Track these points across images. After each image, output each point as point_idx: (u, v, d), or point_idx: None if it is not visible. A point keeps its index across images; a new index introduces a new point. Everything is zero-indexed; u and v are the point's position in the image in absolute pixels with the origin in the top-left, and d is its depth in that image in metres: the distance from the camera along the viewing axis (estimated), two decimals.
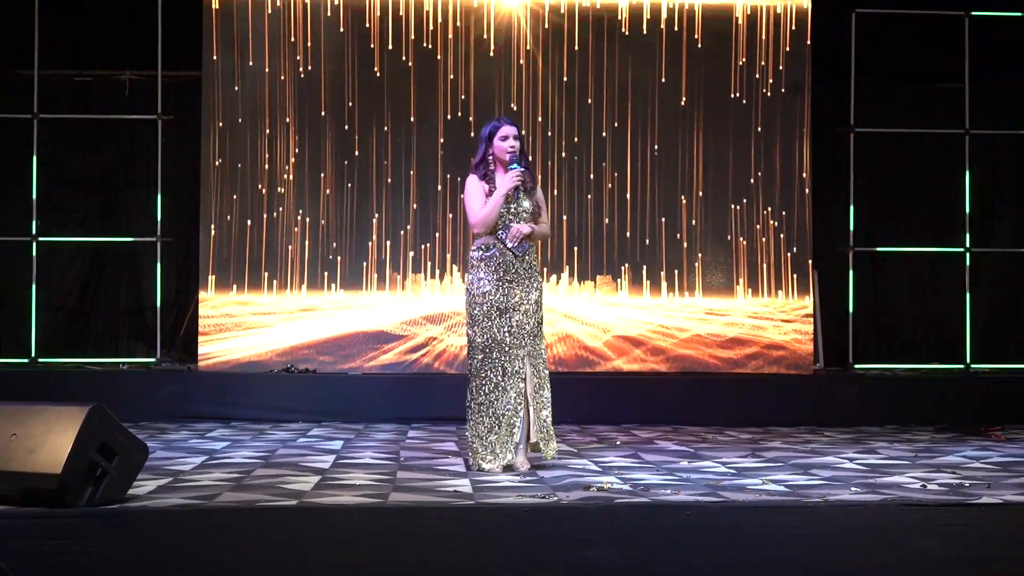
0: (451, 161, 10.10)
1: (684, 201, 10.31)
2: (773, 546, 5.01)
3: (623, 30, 10.30)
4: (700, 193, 10.32)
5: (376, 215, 10.10)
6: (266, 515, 5.08)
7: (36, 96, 10.09)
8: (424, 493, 5.63)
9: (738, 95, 10.36)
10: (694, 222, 10.31)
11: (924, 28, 10.68)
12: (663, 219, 10.28)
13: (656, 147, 10.30)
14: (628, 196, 10.27)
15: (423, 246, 10.10)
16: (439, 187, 10.15)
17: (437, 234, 10.12)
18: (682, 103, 10.33)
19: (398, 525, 4.97)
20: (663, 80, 10.32)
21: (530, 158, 6.74)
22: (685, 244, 10.28)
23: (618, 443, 8.00)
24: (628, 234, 10.25)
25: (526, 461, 6.36)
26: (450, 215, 10.11)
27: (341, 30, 10.12)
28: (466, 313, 6.44)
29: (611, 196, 10.26)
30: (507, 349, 6.30)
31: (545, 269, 9.88)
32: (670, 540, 5.01)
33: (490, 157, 6.42)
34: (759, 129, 10.36)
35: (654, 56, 10.32)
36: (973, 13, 10.58)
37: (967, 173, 10.68)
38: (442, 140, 10.16)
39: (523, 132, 6.76)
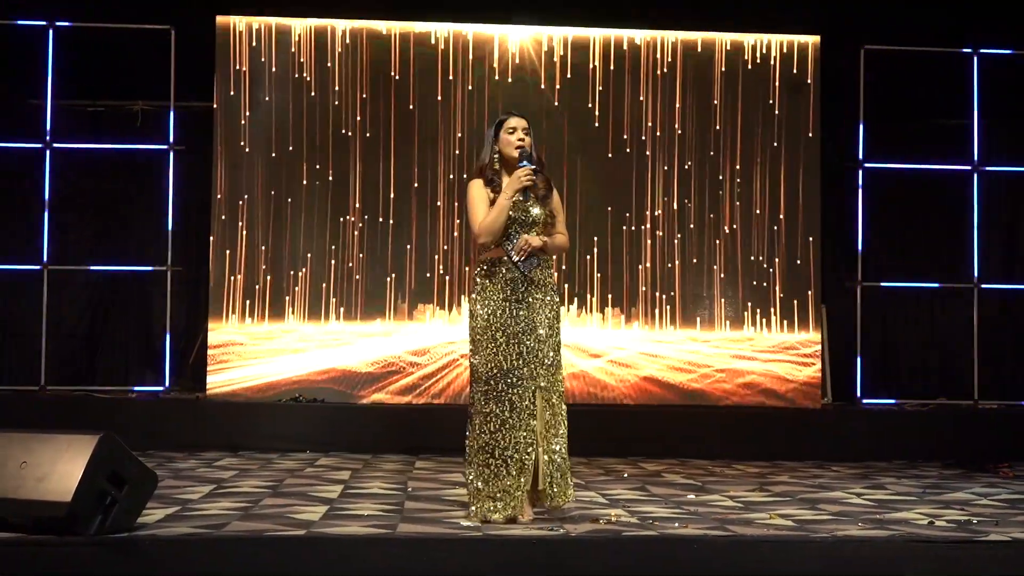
0: (461, 192, 10.13)
1: (693, 236, 10.34)
2: None
3: (634, 65, 10.35)
4: (709, 228, 10.34)
5: (385, 245, 10.13)
6: (274, 545, 5.08)
7: (49, 125, 10.16)
8: (432, 524, 5.63)
9: (748, 130, 10.39)
10: (703, 256, 10.33)
11: (933, 65, 10.73)
12: (672, 253, 10.30)
13: (664, 182, 10.33)
14: (636, 229, 10.30)
15: (431, 276, 10.13)
16: (450, 219, 10.18)
17: (445, 264, 10.14)
18: (691, 137, 10.37)
19: (406, 556, 4.97)
20: (672, 114, 10.36)
21: (542, 158, 5.85)
22: (694, 277, 10.30)
23: (625, 476, 7.99)
24: (637, 267, 10.27)
25: (530, 510, 5.66)
26: (461, 243, 10.14)
27: (353, 59, 10.18)
28: (469, 339, 5.67)
29: (620, 229, 10.29)
30: (515, 380, 5.53)
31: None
32: (677, 574, 5.01)
33: (496, 155, 5.69)
34: (768, 164, 10.40)
35: (664, 92, 10.37)
36: (982, 51, 10.63)
37: (975, 209, 10.70)
38: (452, 171, 10.21)
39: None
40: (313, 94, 10.15)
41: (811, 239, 10.39)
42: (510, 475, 5.52)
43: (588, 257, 10.24)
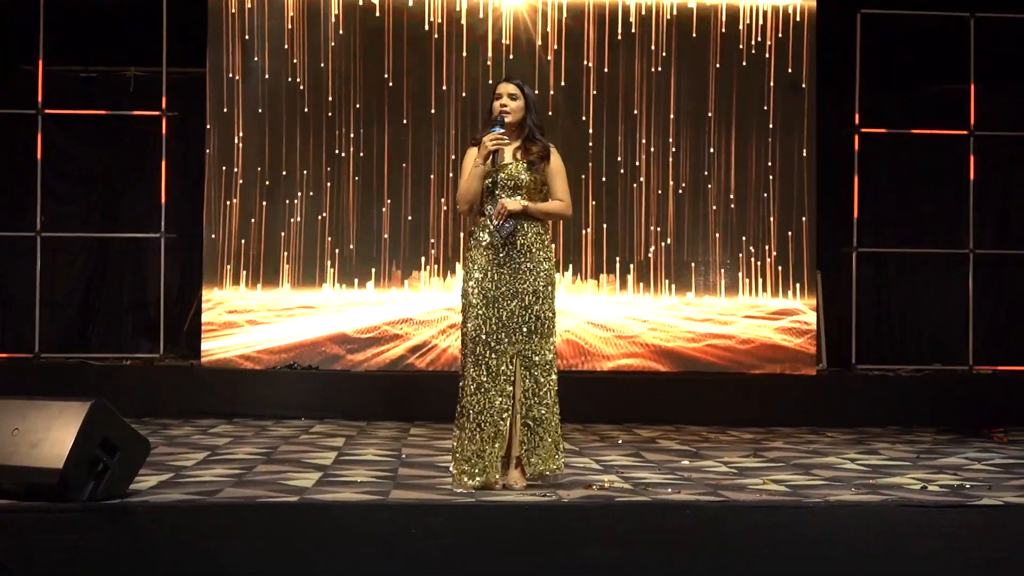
0: (455, 158, 10.09)
1: (688, 201, 10.30)
2: (773, 546, 5.02)
3: (629, 29, 10.29)
4: (704, 194, 10.31)
5: (379, 212, 10.10)
6: (267, 511, 5.10)
7: (41, 91, 10.09)
8: (425, 490, 5.64)
9: (743, 95, 10.34)
10: (698, 222, 10.30)
11: (930, 29, 10.67)
12: (668, 219, 10.28)
13: (660, 147, 10.29)
14: (632, 196, 10.27)
15: (427, 244, 10.10)
16: (444, 185, 10.14)
17: (440, 231, 10.11)
18: (687, 104, 10.32)
19: (398, 522, 4.98)
20: (667, 80, 10.31)
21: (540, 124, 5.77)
22: (689, 244, 10.28)
23: (620, 442, 8.01)
24: (632, 233, 10.24)
25: (520, 477, 5.62)
26: (455, 211, 10.10)
27: (346, 28, 10.12)
28: (461, 303, 5.71)
29: (615, 196, 10.25)
30: (493, 344, 5.51)
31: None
32: (670, 539, 5.02)
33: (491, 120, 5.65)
34: (763, 130, 10.35)
35: (659, 56, 10.31)
36: (979, 14, 10.58)
37: (971, 174, 10.67)
38: (447, 137, 10.16)
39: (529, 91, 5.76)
40: (308, 58, 10.08)
41: (806, 204, 10.35)
42: (483, 440, 5.51)
43: (583, 223, 10.19)
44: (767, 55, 10.37)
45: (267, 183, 10.04)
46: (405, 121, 10.14)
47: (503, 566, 4.90)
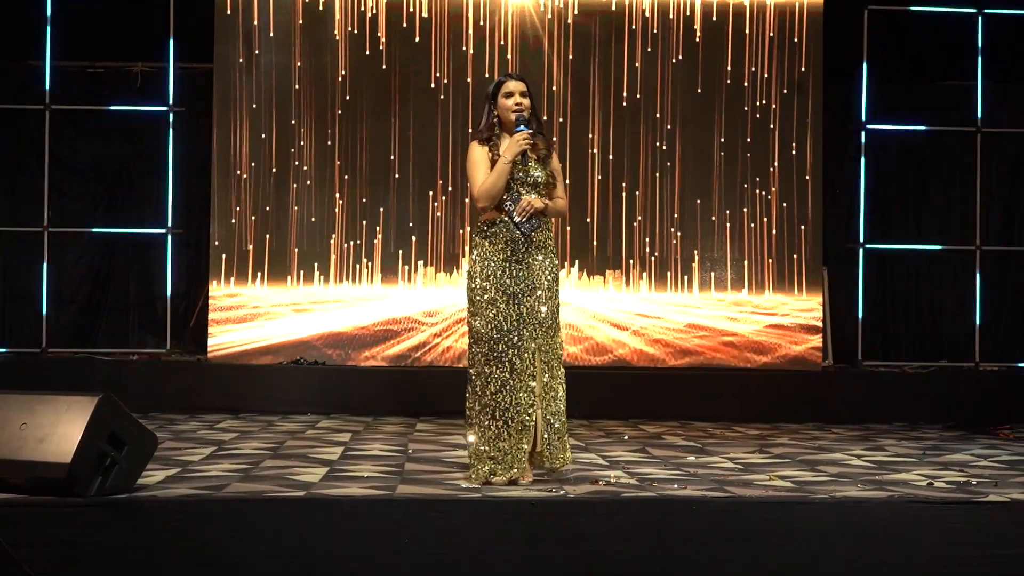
0: (460, 153, 10.09)
1: (694, 197, 10.29)
2: (779, 541, 5.03)
3: (633, 24, 10.28)
4: (709, 189, 10.30)
5: (386, 207, 10.11)
6: (274, 506, 5.10)
7: (48, 87, 10.11)
8: (432, 485, 5.65)
9: (749, 91, 10.33)
10: (704, 218, 10.29)
11: (937, 25, 10.66)
12: (673, 215, 10.27)
13: (665, 143, 10.29)
14: (638, 192, 10.26)
15: (434, 238, 10.10)
16: (449, 179, 10.15)
17: (446, 226, 10.11)
18: (692, 99, 10.31)
19: (405, 517, 4.99)
20: (673, 75, 10.30)
21: (543, 119, 5.84)
22: (694, 240, 10.27)
23: (626, 438, 8.01)
24: (638, 230, 10.24)
25: (530, 472, 5.67)
26: (460, 205, 10.11)
27: (352, 22, 10.12)
28: (468, 300, 5.67)
29: (620, 192, 10.25)
30: (515, 341, 5.52)
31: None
32: (676, 535, 5.03)
33: (495, 120, 5.66)
34: (770, 125, 10.34)
35: (665, 50, 10.31)
36: (986, 11, 10.56)
37: (978, 171, 10.66)
38: (452, 131, 10.15)
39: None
40: (314, 54, 10.08)
41: (812, 201, 10.34)
42: (511, 437, 5.53)
43: (589, 219, 10.20)
44: (774, 50, 10.35)
45: (274, 178, 10.04)
46: (412, 115, 10.13)
47: (509, 561, 4.92)
